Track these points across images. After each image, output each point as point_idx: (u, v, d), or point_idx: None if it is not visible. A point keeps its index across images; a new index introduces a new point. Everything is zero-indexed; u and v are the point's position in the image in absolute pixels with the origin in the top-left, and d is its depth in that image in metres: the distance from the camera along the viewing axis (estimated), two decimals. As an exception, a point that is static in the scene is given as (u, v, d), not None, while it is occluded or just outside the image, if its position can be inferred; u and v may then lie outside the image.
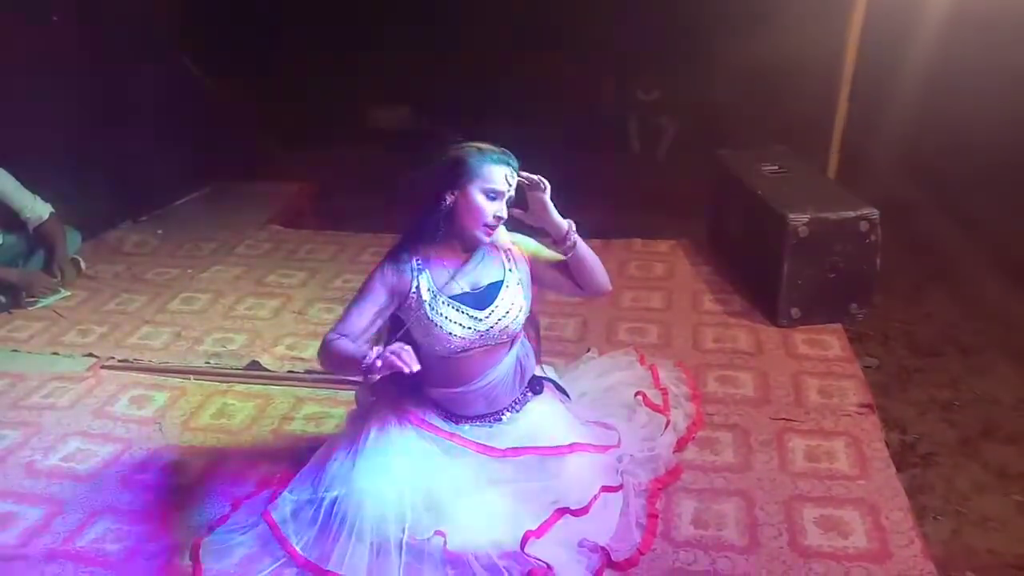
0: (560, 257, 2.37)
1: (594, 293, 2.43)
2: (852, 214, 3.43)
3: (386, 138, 6.74)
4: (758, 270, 3.70)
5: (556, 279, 2.41)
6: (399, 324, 2.30)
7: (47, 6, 4.40)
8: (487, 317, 2.26)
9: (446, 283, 2.27)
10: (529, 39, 6.45)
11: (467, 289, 2.28)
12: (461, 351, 2.27)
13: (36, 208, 4.00)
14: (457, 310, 2.24)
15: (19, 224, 4.02)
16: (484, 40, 6.49)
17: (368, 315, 2.26)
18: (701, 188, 4.54)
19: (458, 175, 2.18)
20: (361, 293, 2.28)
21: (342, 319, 2.27)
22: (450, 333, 2.23)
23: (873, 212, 3.43)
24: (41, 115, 4.22)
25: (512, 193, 2.23)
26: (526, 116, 6.06)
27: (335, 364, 2.20)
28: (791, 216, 3.40)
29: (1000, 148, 4.83)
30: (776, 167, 3.98)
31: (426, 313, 2.23)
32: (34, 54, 4.28)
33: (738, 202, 3.97)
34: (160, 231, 4.84)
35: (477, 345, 2.27)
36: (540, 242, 2.44)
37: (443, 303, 2.24)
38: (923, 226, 4.80)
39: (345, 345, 2.17)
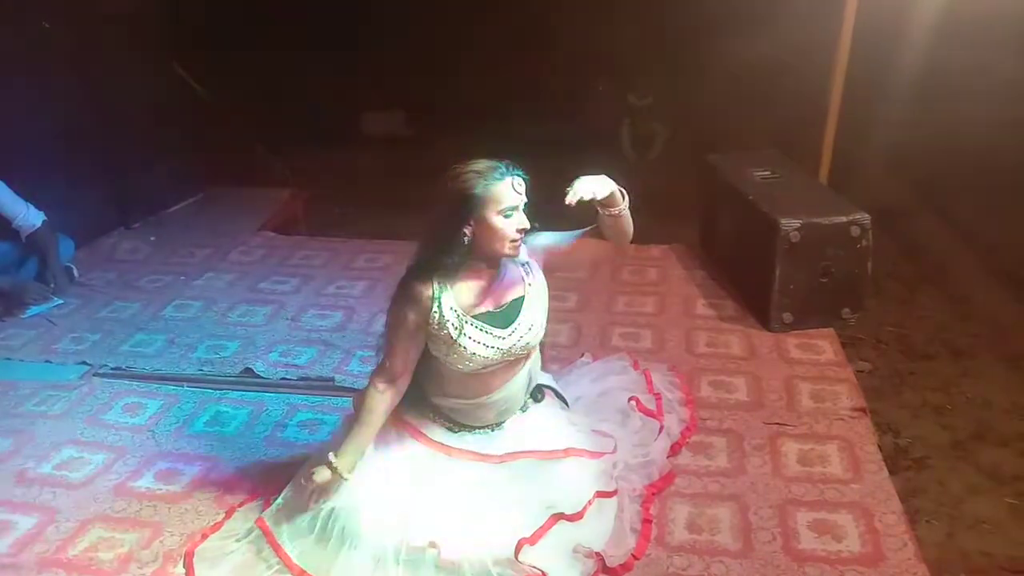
0: (571, 233, 2.38)
1: (624, 246, 2.43)
2: (844, 219, 3.45)
3: (380, 143, 6.75)
4: (750, 275, 3.71)
5: (575, 256, 2.42)
6: None
7: (38, 13, 4.39)
8: (510, 335, 2.22)
9: (471, 303, 2.22)
10: (523, 44, 6.47)
11: (491, 308, 2.24)
12: (481, 369, 2.25)
13: (28, 216, 3.98)
14: (481, 331, 2.19)
15: (11, 232, 4.01)
16: (478, 46, 6.51)
17: (406, 348, 2.23)
18: (693, 193, 4.56)
19: (469, 208, 2.12)
20: (391, 333, 2.24)
21: (387, 362, 2.25)
22: (474, 354, 2.19)
23: (864, 217, 3.44)
24: (33, 123, 4.20)
25: (525, 199, 2.18)
26: (520, 121, 6.08)
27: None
28: (783, 221, 3.41)
29: (990, 152, 4.87)
30: (768, 172, 3.99)
31: (449, 332, 2.18)
32: (25, 61, 4.26)
33: (730, 207, 3.99)
34: (153, 238, 4.83)
35: (499, 363, 2.25)
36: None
37: (468, 324, 2.19)
38: (915, 230, 4.83)
39: (367, 421, 2.27)
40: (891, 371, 3.43)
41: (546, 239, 2.38)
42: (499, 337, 2.22)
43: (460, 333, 2.17)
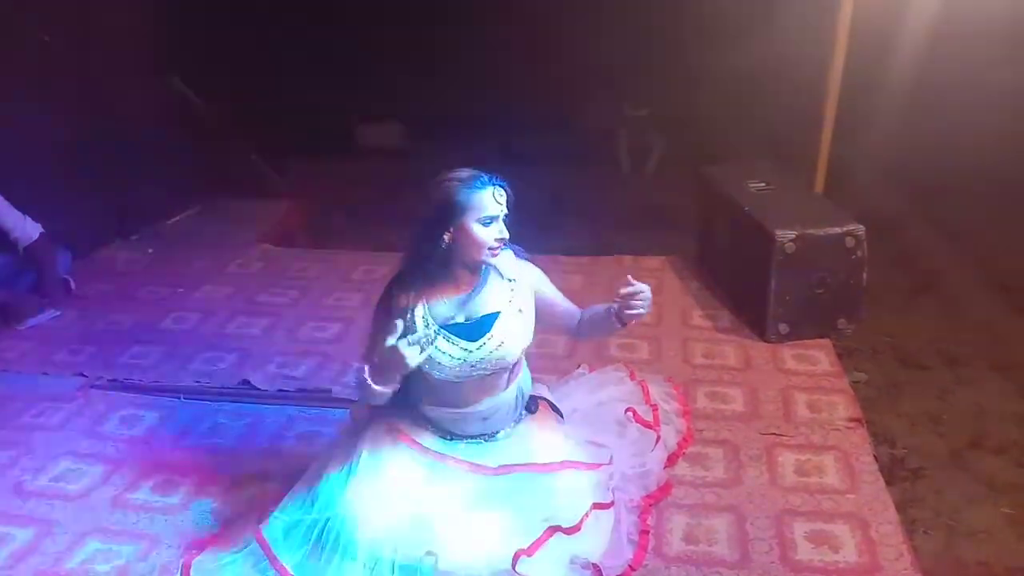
0: (559, 298, 2.44)
1: (584, 340, 2.60)
2: (838, 230, 3.46)
3: (377, 155, 6.77)
4: (746, 286, 3.72)
5: (550, 317, 2.44)
6: None
7: (38, 26, 4.41)
8: (478, 349, 2.24)
9: (443, 313, 2.25)
10: (518, 56, 6.50)
11: (462, 319, 2.26)
12: (454, 378, 2.26)
13: (26, 228, 3.98)
14: (448, 340, 2.22)
15: (9, 244, 4.01)
16: (474, 57, 6.54)
17: None
18: (689, 204, 4.57)
19: (450, 215, 2.16)
20: (373, 337, 2.27)
21: (369, 362, 2.26)
22: (439, 362, 2.22)
23: (859, 228, 3.46)
24: (31, 134, 4.21)
25: (506, 210, 2.21)
26: (516, 133, 6.11)
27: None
28: (778, 232, 3.43)
29: (985, 161, 4.89)
30: (763, 183, 4.01)
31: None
32: (24, 74, 4.28)
33: (726, 218, 4.00)
34: (151, 250, 4.83)
35: (469, 374, 2.26)
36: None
37: (435, 332, 2.22)
38: (910, 240, 4.84)
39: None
40: (887, 381, 3.43)
41: (546, 289, 2.42)
42: (466, 349, 2.23)
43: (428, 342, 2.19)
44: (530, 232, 2.47)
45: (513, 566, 2.17)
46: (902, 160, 5.18)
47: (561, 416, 2.60)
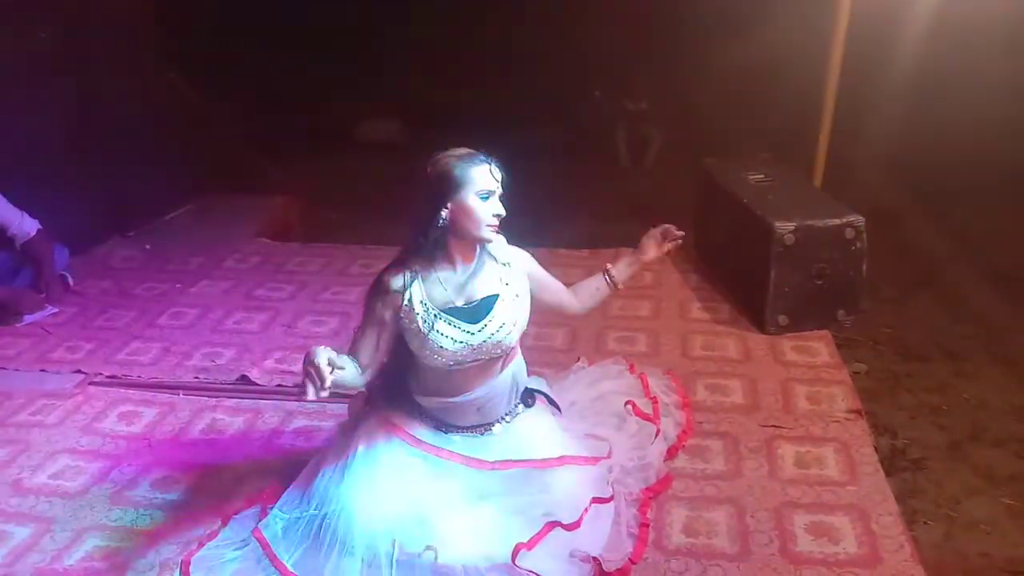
0: (551, 279, 2.48)
1: (584, 312, 2.59)
2: (838, 221, 3.45)
3: (375, 150, 6.76)
4: (745, 278, 3.71)
5: (550, 295, 2.48)
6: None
7: (34, 21, 4.39)
8: (480, 331, 2.24)
9: (441, 296, 2.26)
10: (519, 51, 6.48)
11: (461, 303, 2.27)
12: (454, 364, 2.26)
13: (23, 224, 3.98)
14: (449, 324, 2.23)
15: (6, 241, 4.00)
16: (473, 52, 6.52)
17: (371, 338, 2.27)
18: (688, 197, 4.56)
19: (447, 189, 2.18)
20: (362, 321, 2.31)
21: (351, 344, 2.30)
22: (441, 347, 2.22)
23: (859, 219, 3.45)
24: (28, 131, 4.20)
25: (501, 189, 2.23)
26: (515, 127, 6.08)
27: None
28: (777, 224, 3.42)
29: (984, 154, 4.89)
30: (762, 175, 4.00)
31: (419, 326, 2.22)
32: (21, 69, 4.26)
33: (725, 210, 3.99)
34: (148, 246, 4.83)
35: (470, 359, 2.27)
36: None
37: (436, 316, 2.22)
38: (909, 232, 4.84)
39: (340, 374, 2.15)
40: (887, 373, 3.43)
41: (538, 270, 2.46)
42: (468, 332, 2.23)
43: (430, 326, 2.21)
44: (529, 226, 2.47)
45: (513, 560, 2.17)
46: (901, 152, 5.17)
47: (559, 410, 2.60)
